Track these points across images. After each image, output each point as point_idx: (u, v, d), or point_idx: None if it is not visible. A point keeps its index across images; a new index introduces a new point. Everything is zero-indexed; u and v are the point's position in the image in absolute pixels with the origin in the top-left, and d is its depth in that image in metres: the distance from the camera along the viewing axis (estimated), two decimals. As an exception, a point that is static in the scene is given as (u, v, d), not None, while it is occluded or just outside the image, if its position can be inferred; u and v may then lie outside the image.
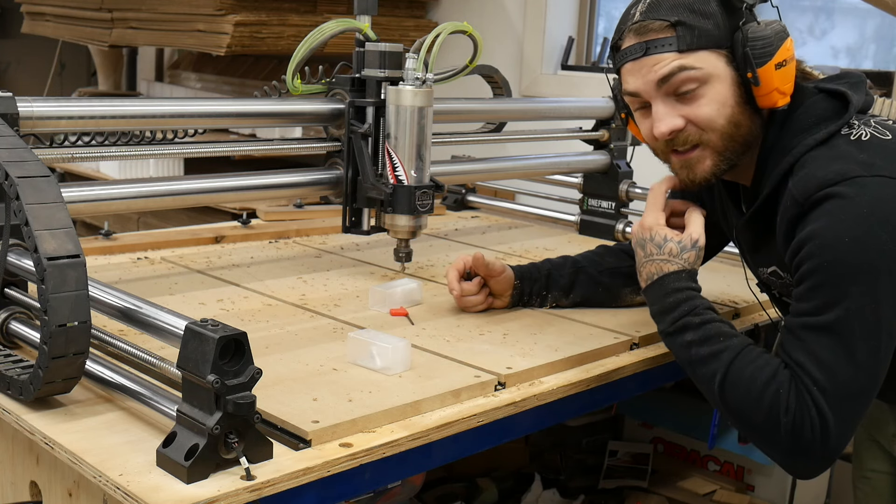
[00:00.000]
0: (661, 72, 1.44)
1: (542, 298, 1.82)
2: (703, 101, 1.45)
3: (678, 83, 1.44)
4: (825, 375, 1.31)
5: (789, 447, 1.33)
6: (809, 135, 1.44)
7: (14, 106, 1.52)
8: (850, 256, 1.31)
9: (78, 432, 1.20)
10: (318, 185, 2.00)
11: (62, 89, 5.11)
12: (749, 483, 2.38)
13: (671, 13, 1.43)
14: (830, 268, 1.32)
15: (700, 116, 1.45)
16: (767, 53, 1.41)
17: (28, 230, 1.18)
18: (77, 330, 1.17)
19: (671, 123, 1.46)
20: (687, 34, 1.43)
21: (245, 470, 1.09)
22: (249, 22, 3.29)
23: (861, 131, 1.41)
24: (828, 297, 1.32)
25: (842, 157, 1.38)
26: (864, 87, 1.49)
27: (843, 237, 1.32)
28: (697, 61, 1.43)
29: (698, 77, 1.43)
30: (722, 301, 1.94)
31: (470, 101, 2.33)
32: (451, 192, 2.91)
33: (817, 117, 1.45)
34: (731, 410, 1.39)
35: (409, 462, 1.27)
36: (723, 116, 1.45)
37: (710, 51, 1.44)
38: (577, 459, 2.61)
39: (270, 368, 1.37)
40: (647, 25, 1.45)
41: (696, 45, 1.43)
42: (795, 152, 1.43)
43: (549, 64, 3.65)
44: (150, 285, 1.87)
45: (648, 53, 1.45)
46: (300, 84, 1.92)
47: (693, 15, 1.43)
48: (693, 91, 1.44)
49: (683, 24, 1.43)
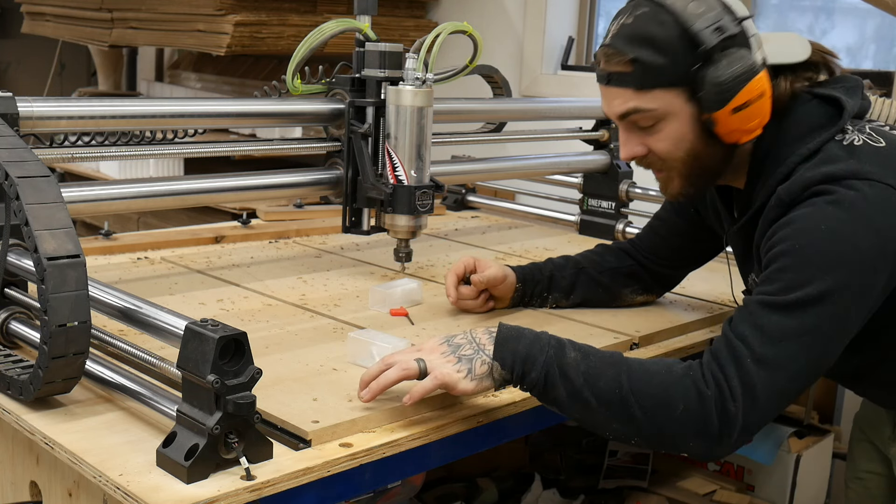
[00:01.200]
0: (617, 110, 1.47)
1: (542, 300, 1.82)
2: (660, 136, 1.46)
3: (635, 120, 1.47)
4: (766, 349, 1.26)
5: (719, 424, 1.25)
6: (803, 144, 1.42)
7: (14, 106, 1.52)
8: (823, 244, 1.30)
9: (78, 432, 1.20)
10: (318, 185, 2.00)
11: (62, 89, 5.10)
12: (749, 483, 2.38)
13: (631, 47, 1.41)
14: (801, 251, 1.31)
15: (658, 150, 1.48)
16: (723, 100, 1.39)
17: (28, 230, 1.18)
18: (77, 330, 1.17)
19: (631, 151, 1.51)
20: (643, 73, 1.41)
21: (245, 470, 1.09)
22: (249, 22, 3.29)
23: (854, 137, 1.40)
24: (792, 279, 1.29)
25: (831, 160, 1.37)
26: (860, 91, 1.48)
27: (820, 225, 1.30)
28: (652, 101, 1.43)
29: (653, 116, 1.44)
30: (722, 301, 1.94)
31: (470, 101, 2.33)
32: (451, 192, 2.91)
33: (810, 125, 1.44)
34: (648, 409, 1.26)
35: (409, 462, 1.27)
36: (681, 150, 1.47)
37: (667, 89, 1.42)
38: (577, 459, 2.61)
39: (270, 368, 1.37)
40: (610, 56, 1.44)
41: (651, 84, 1.42)
42: (789, 162, 1.42)
43: (549, 64, 3.64)
44: (150, 285, 1.87)
45: (610, 84, 1.46)
46: (300, 84, 1.92)
47: (651, 51, 1.40)
48: (652, 125, 1.46)
49: (640, 61, 1.41)
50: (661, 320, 1.78)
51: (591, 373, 1.28)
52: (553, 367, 1.28)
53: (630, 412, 1.26)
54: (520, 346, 1.29)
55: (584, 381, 1.27)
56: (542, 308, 1.83)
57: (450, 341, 1.32)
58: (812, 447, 2.34)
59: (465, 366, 1.29)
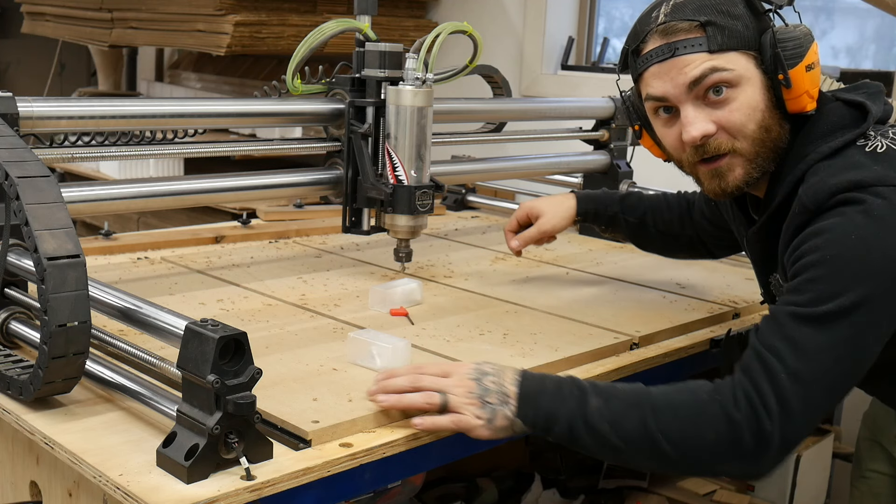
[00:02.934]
0: (692, 73, 1.39)
1: (601, 231, 1.96)
2: (734, 106, 1.40)
3: (709, 85, 1.39)
4: (801, 364, 1.23)
5: (755, 445, 1.23)
6: (825, 142, 1.40)
7: (14, 106, 1.52)
8: (855, 255, 1.27)
9: (78, 432, 1.20)
10: (318, 185, 2.00)
11: (62, 89, 5.10)
12: (749, 483, 2.38)
13: (699, 13, 1.39)
14: (832, 262, 1.28)
15: (732, 121, 1.40)
16: (798, 55, 1.38)
17: (28, 230, 1.18)
18: (77, 330, 1.17)
19: (703, 128, 1.40)
20: (718, 34, 1.38)
21: (245, 470, 1.09)
22: (249, 22, 3.29)
23: (877, 142, 1.37)
24: (824, 291, 1.27)
25: (856, 166, 1.34)
26: (883, 97, 1.47)
27: (851, 235, 1.27)
28: (729, 62, 1.38)
29: (730, 79, 1.39)
30: (722, 301, 1.94)
31: (470, 101, 2.33)
32: (451, 192, 2.91)
33: (833, 125, 1.42)
34: (678, 444, 1.24)
35: (409, 462, 1.28)
36: (754, 121, 1.41)
37: (741, 52, 1.39)
38: (577, 459, 2.61)
39: (270, 368, 1.37)
40: (674, 26, 1.40)
41: (726, 46, 1.38)
42: (809, 159, 1.40)
43: (549, 64, 3.64)
44: (150, 285, 1.87)
45: (677, 54, 1.39)
46: (300, 84, 1.92)
47: (721, 15, 1.39)
48: (724, 94, 1.40)
49: (713, 24, 1.38)
50: (661, 320, 1.78)
51: (616, 419, 1.25)
52: (577, 419, 1.25)
53: (661, 450, 1.24)
54: (542, 402, 1.27)
55: (610, 427, 1.25)
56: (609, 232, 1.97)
57: (480, 380, 1.28)
58: (812, 447, 2.34)
59: (486, 414, 1.26)
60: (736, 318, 1.90)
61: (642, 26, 1.46)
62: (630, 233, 1.94)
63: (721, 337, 1.77)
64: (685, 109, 1.42)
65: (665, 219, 1.91)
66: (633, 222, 1.92)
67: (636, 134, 1.63)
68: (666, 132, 1.48)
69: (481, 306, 1.83)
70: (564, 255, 2.32)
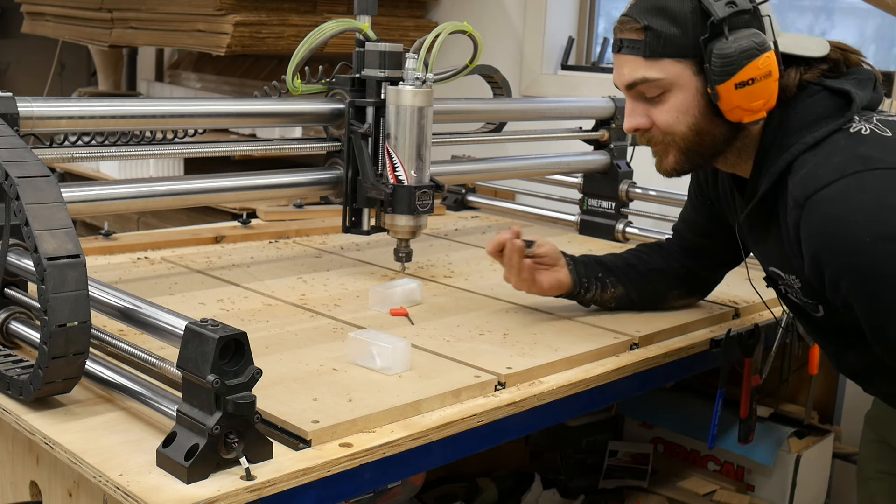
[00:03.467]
0: (625, 79, 1.50)
1: (601, 283, 1.78)
2: (664, 108, 1.49)
3: (642, 90, 1.49)
4: None
5: None
6: (809, 132, 1.42)
7: (14, 106, 1.52)
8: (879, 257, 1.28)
9: (78, 432, 1.20)
10: (318, 185, 2.00)
11: (62, 89, 5.10)
12: (749, 483, 2.38)
13: (645, 16, 1.46)
14: (865, 277, 1.30)
15: (661, 121, 1.50)
16: (728, 73, 1.42)
17: (28, 230, 1.18)
18: (77, 330, 1.17)
19: (635, 122, 1.52)
20: (653, 41, 1.45)
21: (245, 470, 1.09)
22: (249, 22, 3.28)
23: (861, 126, 1.40)
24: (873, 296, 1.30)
25: (839, 151, 1.37)
26: (872, 84, 1.48)
27: (865, 238, 1.29)
28: (660, 70, 1.46)
29: (660, 86, 1.47)
30: (722, 301, 1.94)
31: (470, 101, 2.33)
32: (451, 192, 2.91)
33: (817, 115, 1.44)
34: None
35: (409, 462, 1.28)
36: (683, 124, 1.49)
37: (675, 59, 1.45)
38: (577, 459, 2.61)
39: (270, 368, 1.37)
40: (626, 22, 1.48)
41: (660, 53, 1.45)
42: (794, 150, 1.42)
43: (549, 64, 3.64)
44: (150, 285, 1.87)
45: (621, 52, 1.50)
46: (300, 84, 1.92)
47: (664, 20, 1.44)
48: (658, 96, 1.48)
49: (651, 29, 1.45)
50: (661, 320, 1.78)
51: None
52: None
53: None
54: None
55: None
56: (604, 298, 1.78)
57: None
58: (812, 447, 2.34)
59: None
60: (736, 318, 1.90)
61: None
62: (621, 276, 1.81)
63: (721, 337, 1.77)
64: (627, 101, 1.54)
65: (646, 259, 1.84)
66: (619, 265, 1.82)
67: None
68: None
69: (481, 306, 1.83)
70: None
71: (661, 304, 1.84)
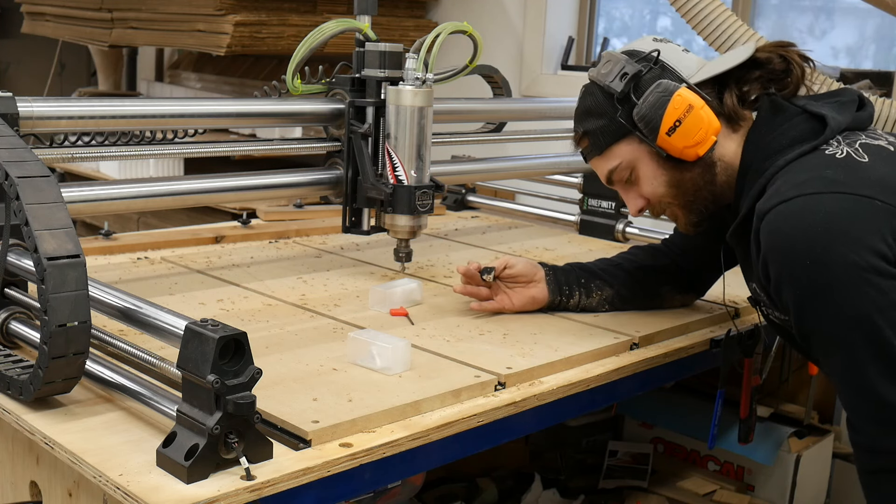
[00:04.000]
0: (602, 177, 1.63)
1: (585, 289, 1.78)
2: (641, 182, 1.59)
3: (617, 179, 1.60)
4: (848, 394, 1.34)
5: None
6: (781, 156, 1.45)
7: (14, 106, 1.52)
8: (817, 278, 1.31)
9: (78, 432, 1.20)
10: (318, 185, 2.00)
11: (62, 89, 5.10)
12: (749, 483, 2.38)
13: (580, 124, 1.62)
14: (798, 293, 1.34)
15: (647, 195, 1.60)
16: (653, 128, 1.51)
17: (28, 230, 1.18)
18: (77, 330, 1.17)
19: (636, 204, 1.63)
20: (595, 139, 1.59)
21: (245, 470, 1.09)
22: (249, 22, 3.29)
23: (837, 150, 1.41)
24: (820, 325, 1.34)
25: (807, 170, 1.39)
26: (854, 107, 1.50)
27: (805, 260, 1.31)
28: (615, 158, 1.58)
29: (625, 168, 1.58)
30: (722, 301, 1.94)
31: (470, 101, 2.33)
32: (451, 192, 2.91)
33: (792, 139, 1.47)
34: None
35: (409, 462, 1.28)
36: (661, 185, 1.57)
37: (618, 142, 1.57)
38: (577, 459, 2.61)
39: (270, 368, 1.37)
40: (575, 138, 1.65)
41: (606, 144, 1.58)
42: (767, 174, 1.45)
43: (549, 64, 3.64)
44: (150, 285, 1.87)
45: (587, 160, 1.65)
46: (300, 84, 1.92)
47: (592, 119, 1.59)
48: (630, 176, 1.59)
49: (588, 132, 1.60)
50: (661, 320, 1.78)
51: None
52: None
53: None
54: None
55: None
56: (590, 304, 1.79)
57: None
58: (812, 447, 2.34)
59: None
60: (736, 318, 1.90)
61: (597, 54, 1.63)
62: (607, 278, 1.81)
63: (721, 337, 1.77)
64: (620, 194, 1.66)
65: (633, 258, 1.85)
66: (605, 268, 1.82)
67: None
68: None
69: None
70: (564, 254, 2.32)
71: (655, 300, 1.84)
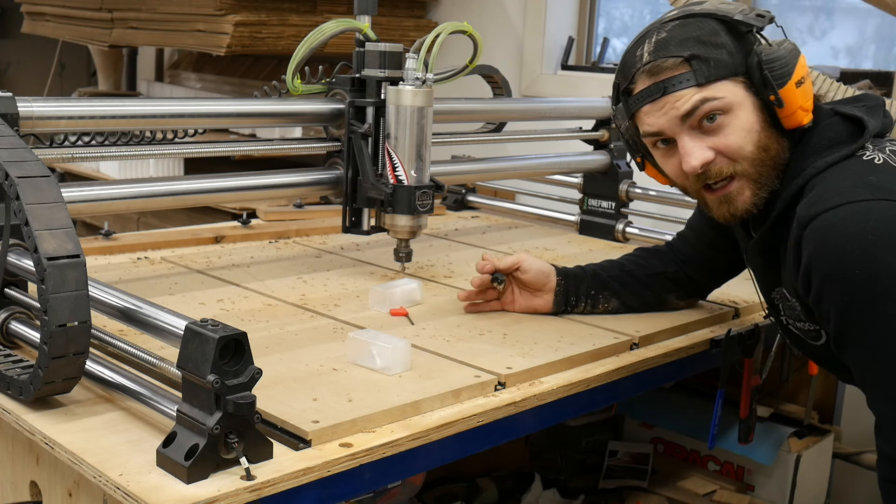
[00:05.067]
0: (683, 108, 1.43)
1: (592, 300, 1.77)
2: (728, 130, 1.43)
3: (702, 115, 1.43)
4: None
5: None
6: (821, 157, 1.42)
7: (14, 106, 1.52)
8: (866, 288, 1.30)
9: (78, 432, 1.20)
10: (318, 185, 2.00)
11: (62, 89, 5.10)
12: (749, 483, 2.38)
13: (683, 48, 1.42)
14: (842, 306, 1.33)
15: (729, 146, 1.44)
16: (786, 73, 1.41)
17: (28, 230, 1.18)
18: (77, 330, 1.17)
19: (701, 156, 1.44)
20: (703, 66, 1.42)
21: (245, 470, 1.09)
22: (249, 22, 3.29)
23: (875, 155, 1.39)
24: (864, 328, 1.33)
25: (849, 177, 1.36)
26: (882, 110, 1.48)
27: (854, 269, 1.29)
28: (717, 92, 1.42)
29: (721, 107, 1.42)
30: (722, 301, 1.94)
31: (470, 101, 2.33)
32: (451, 192, 2.91)
33: (830, 140, 1.44)
34: None
35: (409, 462, 1.27)
36: (751, 143, 1.44)
37: (728, 80, 1.43)
38: (577, 459, 2.61)
39: (270, 368, 1.37)
40: (660, 65, 1.44)
41: (713, 77, 1.42)
42: (805, 174, 1.42)
43: (549, 64, 3.64)
44: (150, 285, 1.87)
45: (667, 93, 1.44)
46: (300, 84, 1.92)
47: (704, 47, 1.43)
48: (717, 121, 1.43)
49: (698, 57, 1.42)
50: (661, 320, 1.78)
51: None
52: None
53: None
54: None
55: None
56: (594, 312, 1.77)
57: None
58: (812, 447, 2.34)
59: None
60: (736, 318, 1.90)
61: (629, 65, 1.49)
62: (616, 287, 1.79)
63: (721, 337, 1.77)
64: (682, 140, 1.45)
65: (644, 263, 1.83)
66: (617, 275, 1.80)
67: (639, 165, 1.65)
68: (666, 162, 1.52)
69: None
70: (564, 254, 2.32)
71: (660, 306, 1.83)
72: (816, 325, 1.48)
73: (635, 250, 1.89)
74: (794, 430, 2.35)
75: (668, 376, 1.81)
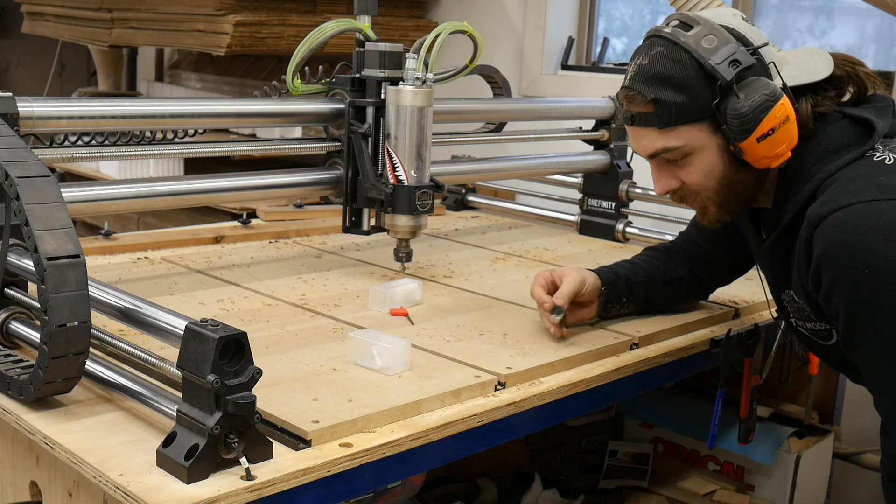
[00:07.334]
0: (645, 151, 1.51)
1: (621, 305, 1.76)
2: (691, 169, 1.49)
3: (664, 157, 1.50)
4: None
5: None
6: (830, 161, 1.43)
7: (14, 106, 1.52)
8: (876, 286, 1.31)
9: (78, 432, 1.20)
10: (318, 185, 2.00)
11: (62, 89, 5.10)
12: (749, 483, 2.38)
13: (650, 88, 1.45)
14: (851, 304, 1.34)
15: (691, 182, 1.51)
16: (748, 130, 1.41)
17: (28, 230, 1.18)
18: (77, 330, 1.17)
19: (666, 185, 1.53)
20: (664, 112, 1.45)
21: (245, 470, 1.09)
22: (249, 22, 3.28)
23: (885, 156, 1.40)
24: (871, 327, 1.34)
25: (860, 177, 1.37)
26: (892, 111, 1.48)
27: (864, 268, 1.30)
28: (677, 138, 1.46)
29: (681, 152, 1.47)
30: (722, 301, 1.94)
31: (470, 101, 2.33)
32: (451, 192, 2.91)
33: (839, 143, 1.44)
34: None
35: (409, 462, 1.28)
36: (713, 180, 1.49)
37: (690, 125, 1.45)
38: (577, 459, 2.61)
39: (270, 368, 1.37)
40: (631, 96, 1.48)
41: (674, 122, 1.45)
42: (816, 179, 1.43)
43: (549, 64, 3.64)
44: (150, 285, 1.87)
45: (634, 124, 1.50)
46: (300, 84, 1.92)
47: (670, 90, 1.44)
48: (681, 159, 1.49)
49: (660, 101, 1.44)
50: (661, 320, 1.78)
51: None
52: None
53: None
54: None
55: None
56: (618, 318, 1.76)
57: None
58: (812, 447, 2.34)
59: None
60: (736, 318, 1.90)
61: (625, 74, 1.52)
62: (641, 295, 1.78)
63: (721, 337, 1.77)
64: (652, 167, 1.55)
65: (662, 268, 1.81)
66: (643, 281, 1.78)
67: None
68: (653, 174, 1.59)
69: (481, 306, 1.83)
70: (564, 255, 2.32)
71: (669, 309, 1.84)
72: (826, 324, 1.49)
73: (646, 250, 1.87)
74: (794, 430, 2.35)
75: (668, 376, 1.81)
